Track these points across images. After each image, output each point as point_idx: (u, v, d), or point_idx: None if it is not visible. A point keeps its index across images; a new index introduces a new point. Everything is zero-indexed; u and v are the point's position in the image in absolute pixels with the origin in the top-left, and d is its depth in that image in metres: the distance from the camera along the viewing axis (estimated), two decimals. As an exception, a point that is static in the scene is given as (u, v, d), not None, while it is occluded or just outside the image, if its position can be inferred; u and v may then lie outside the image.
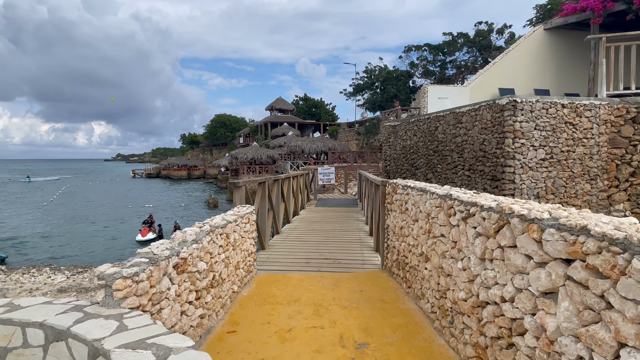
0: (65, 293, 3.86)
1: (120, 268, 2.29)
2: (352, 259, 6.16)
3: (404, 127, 10.98)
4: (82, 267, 4.72)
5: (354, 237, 7.89)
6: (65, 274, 4.36)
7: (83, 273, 4.39)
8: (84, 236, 23.71)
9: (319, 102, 76.98)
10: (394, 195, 4.77)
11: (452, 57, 40.41)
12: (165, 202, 42.35)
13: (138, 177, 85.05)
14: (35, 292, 3.97)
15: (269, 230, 7.33)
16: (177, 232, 3.23)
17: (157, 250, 2.69)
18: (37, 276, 4.15)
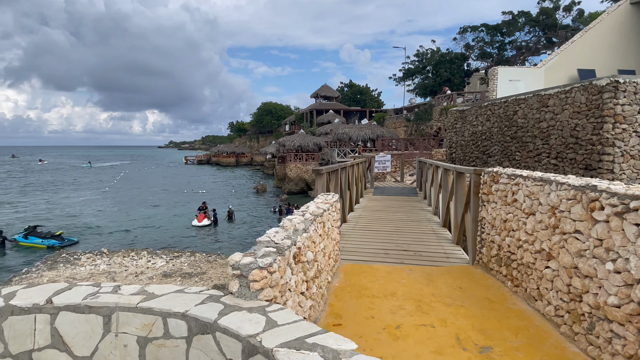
0: (170, 278, 3.93)
1: (253, 258, 2.18)
2: (433, 251, 5.85)
3: (474, 112, 10.34)
4: (177, 251, 4.82)
5: (426, 228, 7.55)
6: (162, 257, 4.46)
7: (179, 257, 4.45)
8: (145, 220, 25.05)
9: (364, 89, 75.79)
10: (493, 185, 4.39)
11: (512, 37, 37.94)
12: (217, 188, 43.84)
13: (190, 164, 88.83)
14: (141, 275, 4.09)
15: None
16: (285, 220, 3.10)
17: (277, 238, 2.57)
18: (137, 260, 4.27)
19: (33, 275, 3.94)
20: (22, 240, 18.69)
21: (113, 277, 3.97)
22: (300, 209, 3.74)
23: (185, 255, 4.45)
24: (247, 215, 26.82)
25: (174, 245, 18.53)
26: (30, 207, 29.88)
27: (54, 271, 3.88)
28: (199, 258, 4.24)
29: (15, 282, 3.86)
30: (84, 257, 3.93)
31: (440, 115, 29.36)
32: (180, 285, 2.27)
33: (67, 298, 2.12)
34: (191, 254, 4.55)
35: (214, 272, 4.00)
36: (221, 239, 19.83)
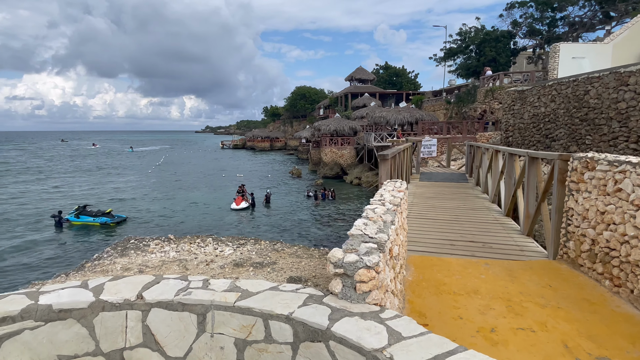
0: (242, 267, 3.83)
1: (357, 255, 1.94)
2: (503, 243, 5.43)
3: (536, 93, 9.57)
4: (242, 238, 4.74)
5: (488, 217, 7.08)
6: (229, 245, 4.38)
7: (245, 245, 4.36)
8: (187, 202, 25.76)
9: (400, 71, 73.66)
10: (586, 172, 3.92)
11: (564, 13, 35.36)
12: (253, 172, 44.45)
13: (226, 148, 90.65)
14: (211, 264, 4.02)
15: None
16: (369, 211, 2.85)
17: (370, 232, 2.32)
18: (204, 247, 4.21)
19: (105, 262, 3.96)
20: (74, 219, 19.69)
21: (185, 266, 3.90)
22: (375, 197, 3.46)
23: (250, 242, 4.36)
24: (284, 199, 26.97)
25: (216, 227, 18.93)
26: (80, 189, 31.49)
27: (126, 258, 3.88)
28: (264, 246, 4.13)
29: (88, 268, 3.89)
30: (153, 243, 3.92)
31: (486, 97, 27.96)
32: (272, 282, 2.08)
33: (158, 293, 1.98)
34: (255, 241, 4.44)
35: (284, 262, 3.85)
36: (262, 223, 20.03)
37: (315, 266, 3.78)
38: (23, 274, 11.29)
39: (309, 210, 23.55)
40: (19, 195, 28.12)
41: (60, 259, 13.41)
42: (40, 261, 13.27)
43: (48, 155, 70.24)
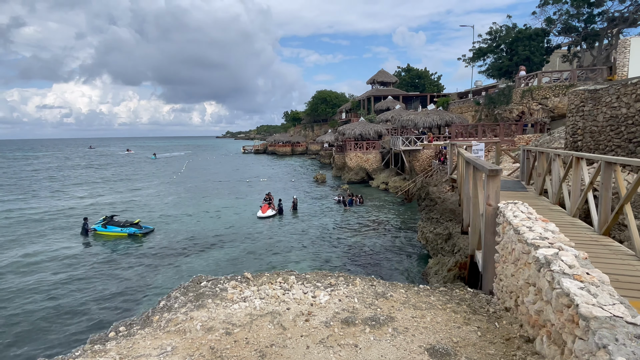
0: (354, 327, 2.97)
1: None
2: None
3: (614, 92, 8.44)
4: (327, 273, 3.86)
5: (583, 237, 6.02)
6: (318, 286, 3.50)
7: (338, 287, 3.46)
8: (213, 210, 25.31)
9: (422, 72, 72.21)
10: None
11: (602, 8, 33.54)
12: (276, 177, 43.94)
13: (247, 153, 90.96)
14: (311, 319, 3.14)
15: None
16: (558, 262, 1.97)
17: (604, 300, 1.43)
18: (289, 289, 3.39)
19: (179, 316, 3.20)
20: (101, 229, 19.40)
21: (280, 323, 3.08)
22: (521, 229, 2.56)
23: (341, 282, 3.51)
24: (310, 206, 26.22)
25: (246, 237, 18.29)
26: (106, 197, 31.53)
27: (204, 310, 3.12)
28: (362, 288, 3.29)
29: (157, 323, 3.13)
30: (229, 286, 3.13)
31: (523, 98, 26.55)
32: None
33: None
34: (347, 279, 3.60)
35: (402, 316, 3.01)
36: (295, 232, 19.27)
37: (446, 323, 2.93)
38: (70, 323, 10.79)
39: (339, 217, 22.69)
40: (50, 206, 28.32)
41: (111, 295, 12.95)
42: (90, 298, 12.85)
43: (81, 162, 71.87)
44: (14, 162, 73.08)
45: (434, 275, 13.32)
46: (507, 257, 3.04)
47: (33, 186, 37.61)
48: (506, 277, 3.05)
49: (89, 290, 12.39)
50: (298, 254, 15.86)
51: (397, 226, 20.13)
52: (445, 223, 15.31)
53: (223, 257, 15.55)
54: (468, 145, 12.06)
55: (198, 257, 15.63)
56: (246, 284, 3.66)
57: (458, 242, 13.62)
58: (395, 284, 3.83)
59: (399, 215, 22.66)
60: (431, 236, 15.65)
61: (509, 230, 2.95)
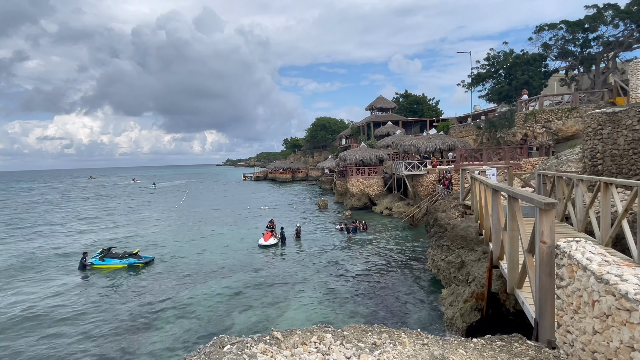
0: None
1: None
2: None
3: (635, 114, 8.16)
4: (367, 328, 3.24)
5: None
6: (361, 347, 2.88)
7: (384, 348, 2.89)
8: (214, 239, 24.69)
9: (420, 98, 73.10)
10: None
11: (597, 33, 34.15)
12: (277, 204, 43.42)
13: (248, 180, 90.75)
14: None
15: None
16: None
17: None
18: (327, 351, 2.81)
19: None
20: (99, 263, 18.75)
21: None
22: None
23: (385, 340, 2.96)
24: (313, 233, 25.62)
25: (248, 267, 17.61)
26: (107, 229, 30.93)
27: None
28: (412, 349, 2.76)
29: None
30: (257, 349, 2.61)
31: (526, 121, 26.50)
32: None
33: None
34: (390, 335, 3.05)
35: None
36: (297, 263, 18.59)
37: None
38: None
39: (343, 244, 22.06)
40: (48, 237, 27.70)
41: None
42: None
43: (82, 194, 71.49)
44: (12, 195, 72.77)
45: (450, 307, 12.66)
46: (582, 307, 2.58)
47: (30, 220, 37.08)
48: (582, 332, 2.59)
49: (82, 330, 11.69)
50: (303, 285, 15.20)
51: (404, 253, 19.52)
52: (457, 250, 14.74)
53: (226, 290, 14.88)
54: (481, 171, 11.68)
55: (200, 290, 14.95)
56: (277, 347, 3.14)
57: (472, 271, 13.02)
58: (449, 341, 3.32)
59: (406, 242, 22.06)
60: (443, 264, 15.05)
61: (586, 277, 2.51)
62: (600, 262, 2.47)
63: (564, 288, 3.02)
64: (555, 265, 3.24)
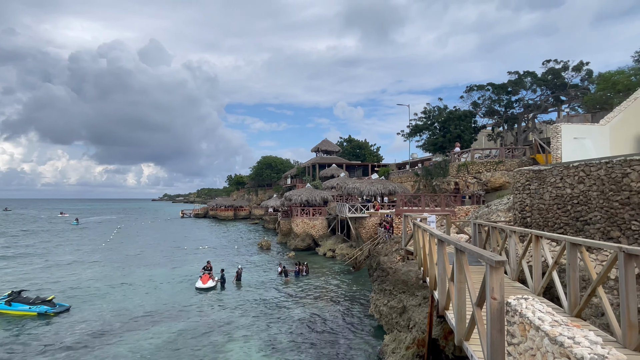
0: None
1: None
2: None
3: (557, 173, 9.12)
4: None
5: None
6: None
7: None
8: (145, 282, 22.79)
9: (363, 143, 76.47)
10: None
11: (518, 96, 38.65)
12: (217, 244, 41.61)
13: (187, 217, 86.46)
14: None
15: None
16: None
17: None
18: None
19: None
20: (4, 307, 16.45)
21: None
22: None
23: None
24: (255, 275, 24.69)
25: (182, 314, 16.33)
26: (19, 270, 27.44)
27: None
28: None
29: None
30: None
31: (459, 172, 28.55)
32: None
33: None
34: None
35: None
36: (234, 305, 17.62)
37: None
38: None
39: (286, 288, 21.41)
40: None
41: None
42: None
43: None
44: None
45: (392, 354, 12.59)
46: (535, 367, 2.65)
47: None
48: (537, 392, 2.64)
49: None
50: (243, 333, 14.35)
51: (347, 298, 19.37)
52: (398, 295, 14.91)
53: (155, 342, 13.55)
54: (423, 218, 12.19)
55: (123, 343, 13.43)
56: None
57: (413, 316, 13.19)
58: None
59: (349, 286, 21.99)
60: (385, 309, 15.10)
61: (539, 338, 2.61)
62: (552, 323, 2.60)
63: (515, 345, 3.12)
64: (506, 322, 3.36)
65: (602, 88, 25.52)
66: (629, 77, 23.60)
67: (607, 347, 2.14)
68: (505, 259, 3.76)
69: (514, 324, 3.09)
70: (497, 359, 3.36)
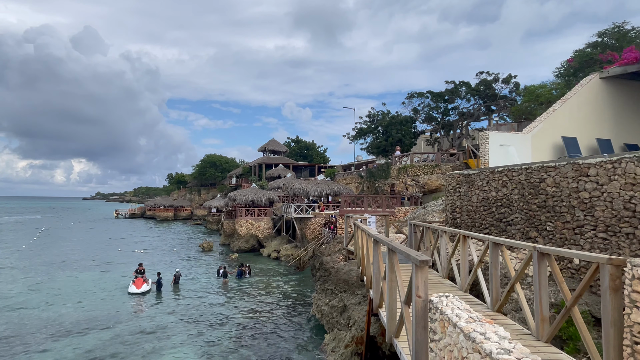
0: None
1: None
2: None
3: (484, 177, 9.79)
4: None
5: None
6: None
7: None
8: (74, 287, 21.04)
9: (310, 144, 76.97)
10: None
11: (453, 104, 40.99)
12: (155, 246, 39.53)
13: (121, 218, 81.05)
14: None
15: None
16: None
17: None
18: None
19: None
20: None
21: None
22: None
23: None
24: (194, 278, 23.78)
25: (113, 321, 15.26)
26: None
27: None
28: None
29: None
30: None
31: (399, 174, 29.70)
32: None
33: None
34: None
35: None
36: (171, 310, 16.82)
37: None
38: None
39: (226, 292, 20.82)
40: None
41: None
42: None
43: None
44: None
45: (332, 353, 12.74)
46: (452, 362, 2.78)
47: None
48: (453, 385, 2.77)
49: None
50: (180, 338, 13.75)
51: (290, 298, 19.32)
52: (339, 294, 15.15)
53: (82, 351, 12.54)
54: (363, 219, 12.49)
55: (47, 352, 12.30)
56: None
57: (353, 315, 13.47)
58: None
59: (292, 287, 21.94)
60: (326, 309, 15.26)
61: (455, 334, 2.74)
62: (467, 319, 2.75)
63: (436, 342, 3.26)
64: (429, 319, 3.51)
65: (527, 100, 27.85)
66: (550, 91, 26.03)
67: (514, 342, 2.30)
68: (430, 259, 3.94)
69: (436, 321, 3.24)
70: (421, 355, 3.52)
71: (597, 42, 23.30)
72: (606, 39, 22.67)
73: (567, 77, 26.21)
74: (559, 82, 27.42)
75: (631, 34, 22.07)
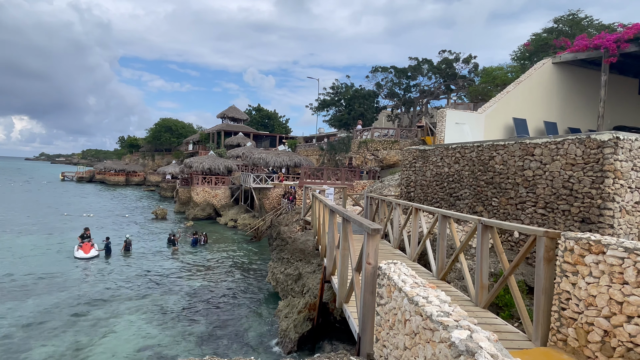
0: None
1: None
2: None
3: (439, 153, 10.09)
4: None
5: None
6: None
7: None
8: (13, 251, 19.81)
9: (272, 114, 75.58)
10: (587, 255, 3.69)
11: (415, 81, 41.48)
12: (106, 211, 37.85)
13: (68, 180, 76.30)
14: None
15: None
16: None
17: None
18: None
19: None
20: None
21: None
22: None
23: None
24: (146, 245, 23.16)
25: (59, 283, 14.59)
26: None
27: None
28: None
29: None
30: None
31: (359, 148, 30.01)
32: None
33: None
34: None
35: None
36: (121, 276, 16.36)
37: None
38: None
39: (179, 259, 20.52)
40: None
41: None
42: None
43: None
44: None
45: (285, 319, 13.04)
46: (396, 325, 2.91)
47: None
48: (395, 347, 2.91)
49: None
50: (130, 304, 13.46)
51: (246, 266, 19.38)
52: (295, 263, 15.39)
53: (24, 317, 11.96)
54: (322, 190, 12.57)
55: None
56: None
57: (307, 282, 13.79)
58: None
59: (248, 255, 21.98)
60: (282, 277, 15.49)
61: (400, 298, 2.84)
62: (412, 284, 2.86)
63: (382, 306, 3.39)
64: (377, 285, 3.62)
65: (484, 81, 28.71)
66: (506, 74, 26.96)
67: (453, 305, 2.42)
68: (381, 227, 4.04)
69: (383, 287, 3.35)
70: (368, 318, 3.66)
71: (552, 27, 24.27)
72: (561, 25, 23.66)
73: (523, 60, 27.24)
74: (515, 65, 28.44)
75: (584, 22, 23.16)
